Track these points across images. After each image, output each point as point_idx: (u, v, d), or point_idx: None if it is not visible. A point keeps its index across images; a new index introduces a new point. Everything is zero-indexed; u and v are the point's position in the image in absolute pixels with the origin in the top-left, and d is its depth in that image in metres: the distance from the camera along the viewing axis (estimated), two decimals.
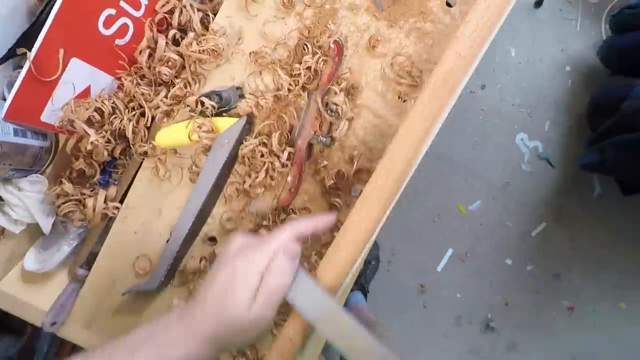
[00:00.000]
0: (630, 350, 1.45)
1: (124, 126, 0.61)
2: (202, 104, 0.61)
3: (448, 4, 0.61)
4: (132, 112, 0.62)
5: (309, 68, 0.60)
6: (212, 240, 0.62)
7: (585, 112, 1.34)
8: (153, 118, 0.62)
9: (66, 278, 0.65)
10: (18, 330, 0.79)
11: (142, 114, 0.63)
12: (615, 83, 1.31)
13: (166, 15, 0.63)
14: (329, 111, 0.59)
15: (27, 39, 0.55)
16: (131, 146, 0.62)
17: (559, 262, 1.44)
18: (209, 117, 0.60)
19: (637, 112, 0.99)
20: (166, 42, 0.61)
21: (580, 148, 1.37)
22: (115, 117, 0.61)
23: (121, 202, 0.64)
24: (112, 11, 0.57)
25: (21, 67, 0.53)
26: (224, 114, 0.62)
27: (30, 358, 0.76)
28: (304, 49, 0.61)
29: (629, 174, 1.14)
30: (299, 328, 0.41)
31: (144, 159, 0.63)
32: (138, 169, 0.64)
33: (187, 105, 0.61)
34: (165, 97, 0.61)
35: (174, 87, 0.61)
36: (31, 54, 0.51)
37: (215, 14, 0.64)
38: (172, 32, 0.62)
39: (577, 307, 1.45)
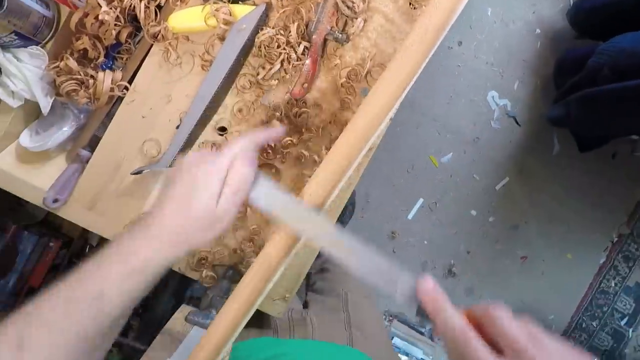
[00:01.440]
0: (572, 297, 1.62)
1: (134, 5, 0.59)
2: None
3: None
4: None
5: None
6: (223, 130, 0.62)
7: (551, 73, 1.44)
8: (166, 0, 0.60)
9: (64, 162, 0.62)
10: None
11: None
12: (581, 46, 1.41)
13: None
14: (346, 7, 0.61)
15: None
16: (142, 28, 0.60)
17: (518, 214, 1.56)
18: (224, 2, 0.60)
19: (602, 67, 1.08)
20: None
21: (544, 108, 1.48)
22: None
23: None
24: None
25: None
26: (239, 1, 0.62)
27: (13, 259, 0.72)
28: None
29: (590, 127, 1.25)
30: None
31: (152, 45, 0.62)
32: (145, 56, 0.63)
33: None
34: None
35: None
36: None
37: None
38: None
39: (529, 256, 1.59)
